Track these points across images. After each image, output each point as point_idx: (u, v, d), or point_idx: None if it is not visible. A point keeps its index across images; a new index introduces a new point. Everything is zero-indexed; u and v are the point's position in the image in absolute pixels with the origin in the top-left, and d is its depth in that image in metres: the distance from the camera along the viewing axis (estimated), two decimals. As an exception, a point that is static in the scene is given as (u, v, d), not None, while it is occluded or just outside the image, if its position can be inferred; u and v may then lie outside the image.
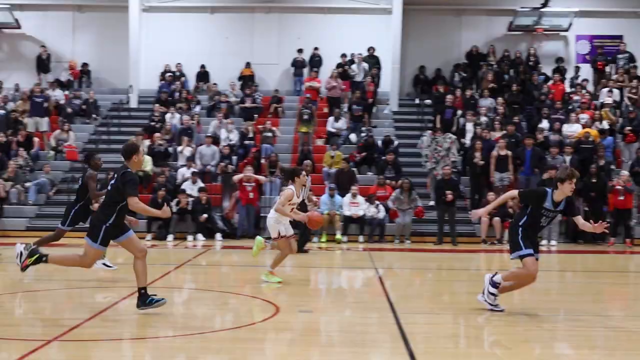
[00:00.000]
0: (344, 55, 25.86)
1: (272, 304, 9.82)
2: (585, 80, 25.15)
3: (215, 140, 22.65)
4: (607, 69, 25.72)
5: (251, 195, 19.94)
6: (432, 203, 20.29)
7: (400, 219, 19.61)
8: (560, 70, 25.60)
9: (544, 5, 25.96)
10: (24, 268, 9.28)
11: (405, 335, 8.10)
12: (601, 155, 20.61)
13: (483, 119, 22.64)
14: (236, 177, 20.12)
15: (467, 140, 22.08)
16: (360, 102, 24.11)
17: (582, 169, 20.04)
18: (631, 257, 18.13)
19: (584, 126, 21.98)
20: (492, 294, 9.51)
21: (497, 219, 19.22)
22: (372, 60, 25.80)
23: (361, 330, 8.66)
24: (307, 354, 7.51)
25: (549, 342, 8.29)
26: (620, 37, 26.92)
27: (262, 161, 21.68)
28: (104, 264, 12.57)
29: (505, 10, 26.79)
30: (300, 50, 26.50)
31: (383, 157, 21.71)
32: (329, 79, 24.90)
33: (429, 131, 22.18)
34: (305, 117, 23.20)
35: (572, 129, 22.04)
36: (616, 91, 24.21)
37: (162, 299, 8.97)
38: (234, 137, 22.97)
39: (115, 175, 8.81)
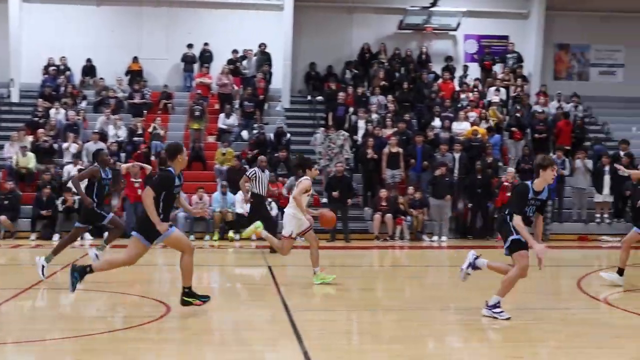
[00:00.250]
0: (235, 51, 25.57)
1: (162, 304, 9.58)
2: (477, 79, 25.67)
3: (103, 136, 22.02)
4: (495, 68, 26.31)
5: (139, 191, 19.43)
6: (325, 200, 20.27)
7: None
8: (449, 69, 26.03)
9: (433, 4, 26.35)
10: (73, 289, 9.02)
11: (298, 333, 8.01)
12: (489, 153, 21.05)
13: (374, 116, 22.79)
14: (124, 166, 19.57)
15: (359, 138, 22.18)
16: (252, 99, 23.89)
17: (470, 167, 20.51)
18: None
19: (472, 124, 22.40)
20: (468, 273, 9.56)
21: (389, 216, 19.37)
22: (264, 57, 25.61)
23: (255, 329, 8.52)
24: (200, 354, 7.34)
25: (441, 337, 8.36)
26: (506, 37, 27.60)
27: (152, 158, 21.19)
28: (43, 266, 11.73)
29: (395, 9, 27.04)
30: (190, 46, 26.03)
31: (276, 154, 21.54)
32: (220, 75, 24.56)
33: (322, 128, 22.20)
34: (197, 113, 22.81)
35: (461, 127, 22.44)
36: (503, 90, 24.81)
37: (207, 297, 9.12)
38: (122, 133, 22.37)
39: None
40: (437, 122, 22.81)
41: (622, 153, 21.32)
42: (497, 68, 26.28)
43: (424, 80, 25.14)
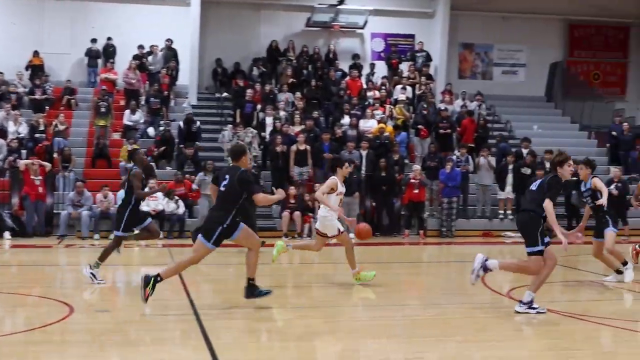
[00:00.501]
0: (141, 47, 25.11)
1: (66, 305, 9.32)
2: (385, 77, 25.92)
3: (3, 133, 21.31)
4: (401, 66, 26.62)
5: (40, 189, 18.92)
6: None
7: (201, 205, 19.28)
8: (357, 67, 26.20)
9: (340, 2, 26.48)
10: (146, 299, 8.94)
11: (205, 331, 7.91)
12: (396, 150, 21.28)
13: (282, 113, 22.77)
14: (21, 163, 19.07)
15: (267, 135, 22.12)
16: (158, 95, 23.53)
17: (377, 164, 20.68)
18: (424, 248, 18.85)
19: (379, 122, 22.61)
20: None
21: (297, 213, 19.37)
22: (170, 53, 25.25)
23: (161, 329, 8.41)
24: (106, 355, 7.19)
25: (349, 333, 8.38)
26: (412, 36, 27.98)
27: (55, 155, 20.62)
28: (92, 274, 11.30)
29: (303, 7, 27.07)
30: (94, 40, 25.41)
31: (182, 145, 21.30)
32: (127, 70, 24.07)
33: (230, 126, 22.04)
34: (102, 110, 22.33)
35: (368, 125, 22.61)
36: (409, 88, 25.13)
37: (269, 290, 9.29)
38: (23, 130, 21.68)
39: (227, 177, 9.17)
40: (344, 120, 22.94)
41: (524, 151, 21.91)
42: (404, 66, 26.58)
43: (331, 77, 25.25)
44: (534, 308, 9.07)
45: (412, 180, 20.07)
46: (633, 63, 29.99)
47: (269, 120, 22.47)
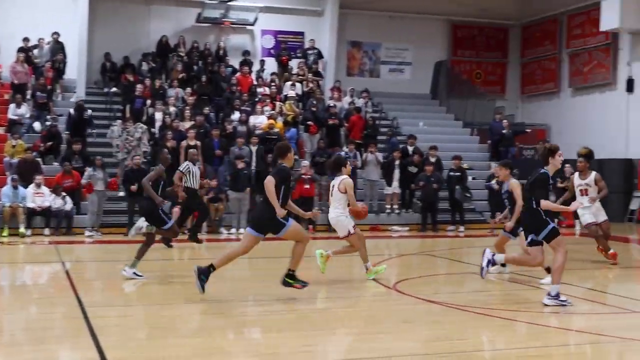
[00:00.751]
0: (26, 39, 24.36)
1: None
2: (275, 74, 26.02)
3: None
4: (291, 63, 26.80)
5: None
6: (122, 194, 19.87)
7: (90, 201, 18.98)
8: (247, 63, 26.23)
9: (230, -1, 26.49)
10: (202, 289, 9.46)
11: (93, 329, 7.85)
12: (286, 146, 21.40)
13: (172, 109, 22.60)
14: None
15: (157, 130, 21.92)
16: (44, 89, 22.94)
17: (267, 160, 20.79)
18: (314, 242, 19.03)
19: (269, 118, 22.74)
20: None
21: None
22: (57, 46, 24.64)
23: (47, 327, 8.28)
24: (-10, 356, 7.02)
25: (240, 328, 8.48)
26: (302, 34, 28.21)
27: None
28: (134, 273, 11.49)
29: (193, 2, 26.86)
30: (-24, 32, 24.54)
31: (68, 132, 20.89)
32: (14, 63, 23.31)
33: (119, 121, 21.72)
34: (-15, 104, 21.66)
35: (258, 121, 22.72)
36: (299, 85, 25.36)
37: (306, 283, 9.84)
38: None
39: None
40: (234, 116, 22.97)
41: (410, 148, 22.47)
42: (294, 63, 26.79)
43: (222, 74, 25.21)
44: (562, 301, 9.34)
45: (303, 176, 20.28)
46: (512, 63, 31.13)
47: (158, 116, 22.26)
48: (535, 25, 30.17)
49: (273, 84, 25.15)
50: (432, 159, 21.87)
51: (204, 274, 9.46)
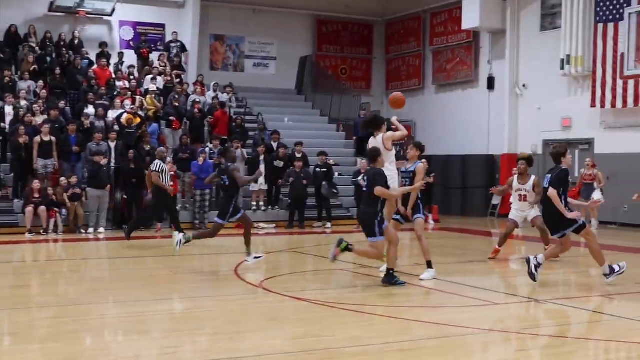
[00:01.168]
0: None
1: None
2: (132, 66, 25.17)
3: None
4: (152, 56, 26.02)
5: None
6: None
7: None
8: (104, 55, 25.22)
9: (86, -13, 25.42)
10: (334, 258, 10.40)
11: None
12: (147, 141, 20.75)
13: (24, 102, 21.41)
14: None
15: (7, 125, 20.70)
16: None
17: (127, 156, 20.02)
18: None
19: (129, 112, 21.91)
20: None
21: (42, 208, 18.27)
22: None
23: None
24: None
25: (99, 331, 8.09)
26: (162, 26, 27.48)
27: None
28: (255, 257, 12.77)
29: (46, -10, 25.66)
30: None
31: None
32: None
33: (-35, 115, 20.41)
34: None
35: (117, 115, 21.84)
36: (160, 78, 24.62)
37: (404, 282, 10.43)
38: None
39: (366, 178, 10.59)
40: (91, 110, 21.99)
41: (274, 144, 22.23)
42: (154, 56, 26.02)
43: (77, 66, 24.09)
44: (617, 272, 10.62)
45: (170, 172, 19.59)
46: (377, 59, 31.47)
47: (8, 110, 21.03)
48: (399, 22, 30.58)
49: (132, 77, 24.31)
50: (298, 155, 21.69)
51: (342, 244, 10.27)
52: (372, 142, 11.24)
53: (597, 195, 18.52)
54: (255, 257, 12.78)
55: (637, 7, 20.86)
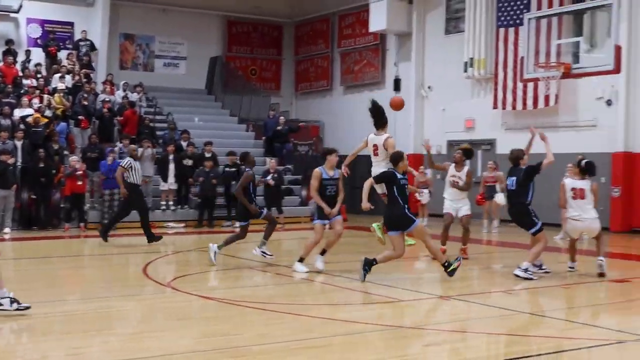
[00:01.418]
0: None
1: None
2: (39, 64, 24.76)
3: None
4: (60, 54, 25.65)
5: None
6: None
7: None
8: (11, 53, 24.76)
9: (-9, -17, 24.88)
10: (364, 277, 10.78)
11: None
12: (55, 140, 20.51)
13: None
14: None
15: None
16: None
17: (34, 155, 19.77)
18: (86, 240, 18.36)
19: (36, 111, 21.60)
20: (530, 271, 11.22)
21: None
22: None
23: None
24: None
25: (4, 332, 8.04)
26: (71, 24, 27.12)
27: None
28: (262, 252, 12.73)
29: (-54, -16, 25.03)
30: None
31: None
32: None
33: None
34: None
35: (24, 114, 21.50)
36: (68, 77, 24.31)
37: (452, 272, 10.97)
38: None
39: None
40: (-4, 109, 21.57)
41: (184, 143, 22.27)
42: (63, 54, 25.65)
43: (-19, 63, 23.62)
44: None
45: (78, 173, 19.41)
46: (286, 60, 31.74)
47: None
48: (307, 24, 30.92)
49: (40, 75, 23.94)
50: (208, 155, 21.78)
51: (368, 264, 10.79)
52: (374, 139, 12.53)
53: (499, 198, 18.94)
54: (263, 253, 12.73)
55: (536, 13, 21.66)
